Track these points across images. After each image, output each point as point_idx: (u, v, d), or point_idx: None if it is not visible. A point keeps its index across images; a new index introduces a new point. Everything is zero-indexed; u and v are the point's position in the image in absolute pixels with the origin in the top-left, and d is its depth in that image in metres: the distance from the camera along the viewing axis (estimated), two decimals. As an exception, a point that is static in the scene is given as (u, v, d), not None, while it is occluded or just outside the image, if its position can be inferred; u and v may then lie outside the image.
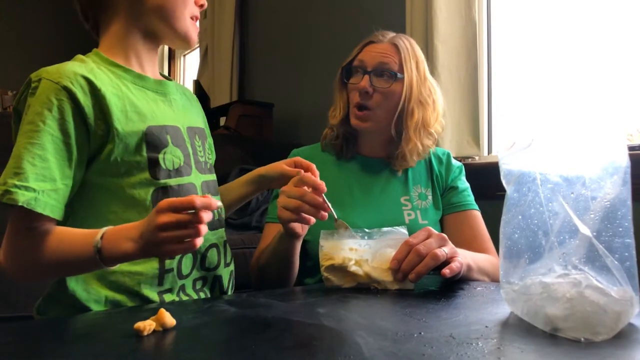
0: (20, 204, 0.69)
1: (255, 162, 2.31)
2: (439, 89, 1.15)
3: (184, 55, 4.26)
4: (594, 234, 0.54)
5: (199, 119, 1.00)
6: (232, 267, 0.96)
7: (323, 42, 2.62)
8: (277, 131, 2.84)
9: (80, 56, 0.87)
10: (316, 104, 2.23)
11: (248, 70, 3.22)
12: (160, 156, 0.82)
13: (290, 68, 2.88)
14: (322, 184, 0.86)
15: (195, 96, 1.06)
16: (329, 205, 0.87)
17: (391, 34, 1.14)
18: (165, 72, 4.50)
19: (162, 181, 0.82)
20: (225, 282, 0.92)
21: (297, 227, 0.90)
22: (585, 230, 0.55)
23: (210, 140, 1.02)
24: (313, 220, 0.88)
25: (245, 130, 2.69)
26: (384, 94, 1.08)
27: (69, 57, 0.86)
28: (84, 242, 0.72)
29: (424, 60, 1.14)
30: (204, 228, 0.68)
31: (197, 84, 3.41)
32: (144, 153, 0.81)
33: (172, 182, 0.83)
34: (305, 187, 0.86)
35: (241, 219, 1.91)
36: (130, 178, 0.80)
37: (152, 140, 0.82)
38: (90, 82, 0.78)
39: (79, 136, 0.76)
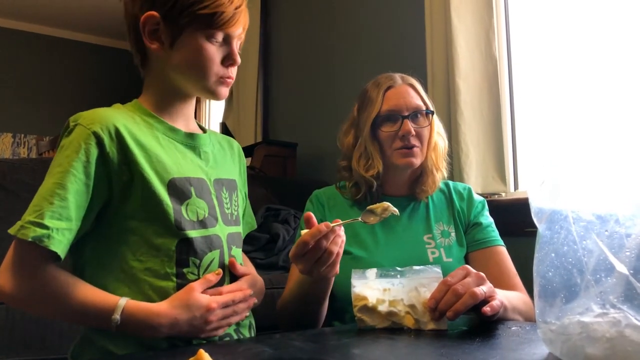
0: (29, 239, 0.72)
1: (280, 201, 2.34)
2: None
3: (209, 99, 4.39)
4: (631, 271, 0.54)
5: (232, 170, 1.00)
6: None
7: (344, 82, 2.68)
8: (300, 170, 2.88)
9: (118, 104, 0.91)
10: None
11: (272, 111, 3.30)
12: (183, 207, 0.84)
13: (312, 108, 2.95)
14: (321, 227, 0.80)
15: (236, 144, 1.07)
16: (338, 222, 0.83)
17: (397, 75, 1.18)
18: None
19: (187, 232, 0.83)
20: (246, 328, 0.93)
21: (329, 271, 0.86)
22: (621, 268, 0.54)
23: (242, 191, 1.03)
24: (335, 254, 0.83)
25: (270, 170, 2.74)
26: (422, 133, 1.13)
27: (99, 106, 0.90)
28: (99, 305, 0.77)
29: None
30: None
31: (224, 126, 3.50)
32: (169, 203, 0.82)
33: (196, 233, 0.84)
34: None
35: (268, 259, 1.92)
36: (155, 226, 0.82)
37: (175, 192, 0.84)
38: (118, 129, 0.81)
39: (99, 180, 0.80)
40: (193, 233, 0.84)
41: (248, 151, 2.96)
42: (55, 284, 0.77)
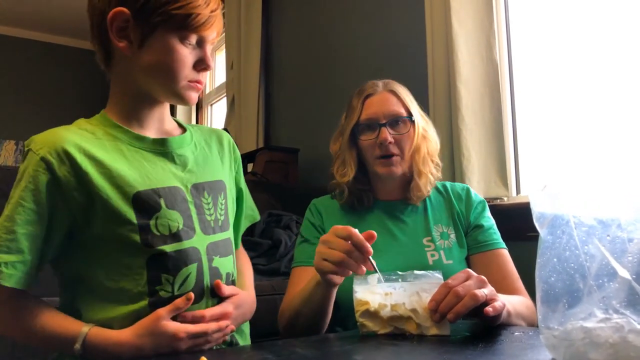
0: None
1: (282, 207, 2.34)
2: (430, 121, 1.21)
3: (211, 105, 4.40)
4: (634, 276, 0.54)
5: (218, 170, 0.95)
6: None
7: (345, 88, 2.68)
8: (302, 176, 2.88)
9: (82, 120, 0.88)
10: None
11: (273, 117, 3.31)
12: (152, 222, 0.79)
13: (314, 114, 2.95)
14: (369, 248, 0.83)
15: (226, 138, 1.02)
16: (374, 264, 0.85)
17: (380, 82, 1.18)
18: (193, 121, 4.62)
19: (158, 248, 0.79)
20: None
21: (337, 277, 0.87)
22: (624, 273, 0.54)
23: (232, 190, 0.98)
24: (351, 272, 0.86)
25: (271, 176, 2.74)
26: (402, 139, 1.12)
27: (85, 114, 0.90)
28: (62, 334, 0.76)
29: None
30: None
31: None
32: (134, 220, 0.78)
33: (169, 248, 0.80)
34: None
35: (270, 265, 1.92)
36: (123, 246, 0.79)
37: (142, 206, 0.79)
38: (67, 151, 0.78)
39: (54, 206, 0.77)
40: (165, 248, 0.80)
41: (250, 157, 2.96)
42: (17, 315, 0.77)
